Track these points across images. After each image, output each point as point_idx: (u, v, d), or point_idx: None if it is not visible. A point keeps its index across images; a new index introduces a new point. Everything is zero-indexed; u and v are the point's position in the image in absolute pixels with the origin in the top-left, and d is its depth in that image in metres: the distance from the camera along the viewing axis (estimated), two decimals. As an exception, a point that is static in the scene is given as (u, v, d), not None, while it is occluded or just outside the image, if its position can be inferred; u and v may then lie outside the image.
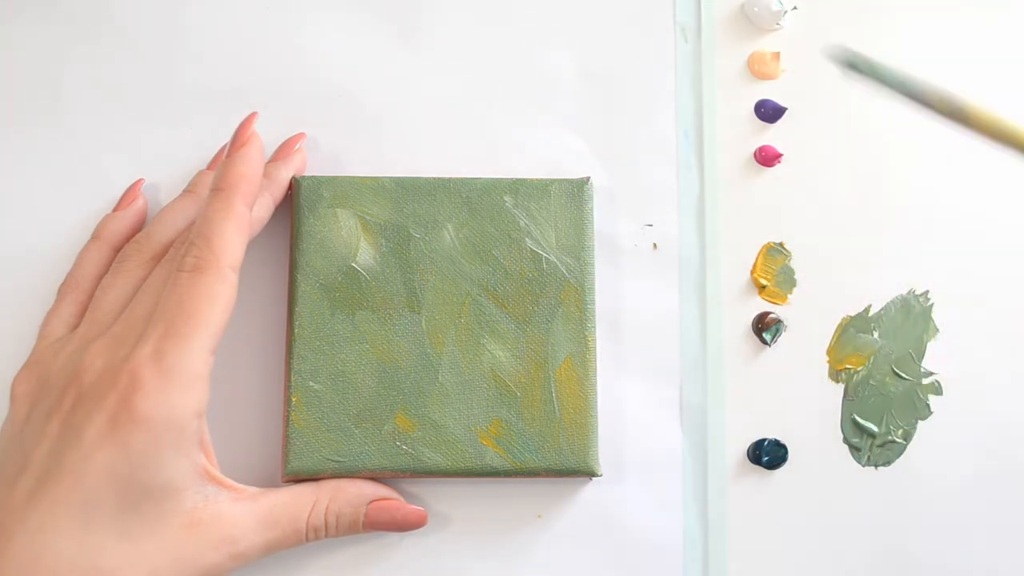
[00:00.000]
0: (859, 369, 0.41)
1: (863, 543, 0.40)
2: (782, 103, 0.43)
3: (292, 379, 0.38)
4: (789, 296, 0.42)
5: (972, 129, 0.29)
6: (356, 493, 0.37)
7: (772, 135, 0.43)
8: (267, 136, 0.39)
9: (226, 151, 0.37)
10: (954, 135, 0.44)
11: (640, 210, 0.42)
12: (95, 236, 0.39)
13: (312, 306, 0.38)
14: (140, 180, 0.41)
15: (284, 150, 0.41)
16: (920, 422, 0.41)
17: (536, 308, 0.39)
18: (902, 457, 0.40)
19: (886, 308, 0.42)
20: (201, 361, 0.33)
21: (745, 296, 0.42)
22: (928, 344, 0.42)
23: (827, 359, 0.41)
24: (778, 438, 0.40)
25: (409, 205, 0.39)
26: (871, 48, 0.44)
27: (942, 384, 0.41)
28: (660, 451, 0.40)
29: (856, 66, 0.30)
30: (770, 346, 0.41)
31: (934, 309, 0.42)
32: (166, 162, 0.41)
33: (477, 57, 0.43)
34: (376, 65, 0.43)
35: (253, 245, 0.39)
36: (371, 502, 0.37)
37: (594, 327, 0.39)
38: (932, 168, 0.43)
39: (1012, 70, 0.44)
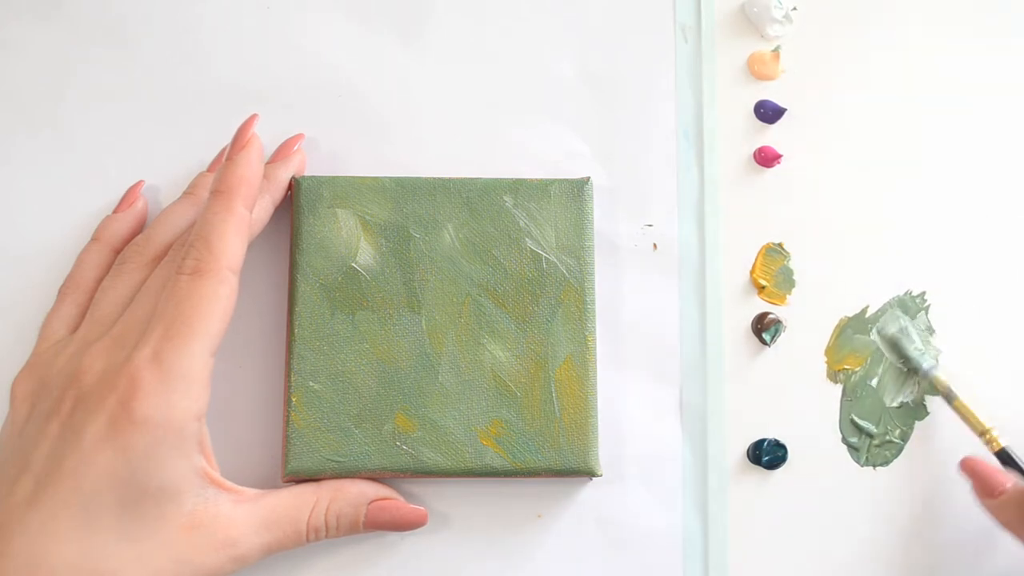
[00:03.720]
0: (857, 369, 0.41)
1: (862, 543, 0.40)
2: (782, 104, 0.43)
3: (292, 379, 0.38)
4: (788, 296, 0.42)
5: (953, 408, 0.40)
6: (356, 493, 0.37)
7: (772, 135, 0.43)
8: (267, 136, 0.39)
9: (226, 153, 0.37)
10: (952, 137, 0.44)
11: (640, 210, 0.42)
12: (95, 238, 0.39)
13: (312, 306, 0.38)
14: (140, 182, 0.41)
15: (283, 151, 0.41)
16: (917, 422, 0.41)
17: (536, 308, 0.39)
18: (900, 457, 0.41)
19: (883, 309, 0.42)
20: (200, 363, 0.33)
21: (745, 296, 0.42)
22: (926, 344, 0.42)
23: (825, 360, 0.41)
24: (778, 438, 0.40)
25: (409, 205, 0.39)
26: (869, 47, 0.44)
27: (940, 384, 0.41)
28: (660, 451, 0.40)
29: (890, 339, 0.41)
30: (769, 346, 0.41)
31: (931, 310, 0.42)
32: (166, 164, 0.41)
33: (477, 57, 0.43)
34: (376, 65, 0.43)
35: (253, 246, 0.39)
36: (371, 502, 0.37)
37: (594, 327, 0.39)
38: (930, 170, 0.43)
39: (1009, 65, 0.44)
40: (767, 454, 0.40)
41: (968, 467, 0.39)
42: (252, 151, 0.36)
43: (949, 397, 0.40)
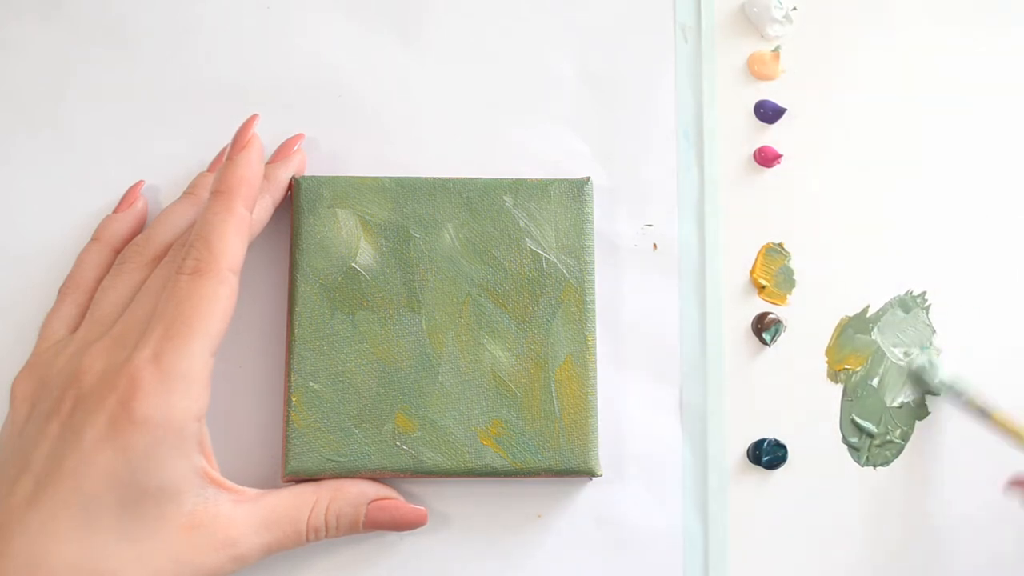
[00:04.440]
0: (857, 369, 0.41)
1: (862, 543, 0.40)
2: (782, 103, 0.43)
3: (292, 379, 0.38)
4: (788, 296, 0.42)
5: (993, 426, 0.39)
6: (356, 493, 0.37)
7: (772, 135, 0.43)
8: (267, 136, 0.39)
9: (226, 153, 0.37)
10: (952, 137, 0.44)
11: (640, 210, 0.42)
12: (95, 238, 0.39)
13: (312, 306, 0.38)
14: (140, 182, 0.41)
15: (283, 151, 0.41)
16: (918, 422, 0.41)
17: (536, 308, 0.39)
18: (900, 457, 0.41)
19: (884, 309, 0.42)
20: (200, 364, 0.33)
21: (745, 296, 0.42)
22: (927, 344, 0.42)
23: (826, 359, 0.41)
24: (778, 438, 0.40)
25: (409, 205, 0.39)
26: (869, 47, 0.44)
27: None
28: (660, 451, 0.40)
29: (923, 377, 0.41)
30: (770, 346, 0.41)
31: (931, 310, 0.42)
32: (166, 164, 0.41)
33: (477, 57, 0.43)
34: (376, 65, 0.43)
35: (253, 246, 0.39)
36: (371, 502, 0.37)
37: (594, 327, 0.39)
38: (931, 169, 0.43)
39: (1009, 65, 0.44)
40: (767, 454, 0.40)
41: (1020, 483, 0.39)
42: (252, 151, 0.36)
43: (985, 413, 0.39)
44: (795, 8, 0.44)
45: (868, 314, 0.42)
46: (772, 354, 0.41)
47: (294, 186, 0.40)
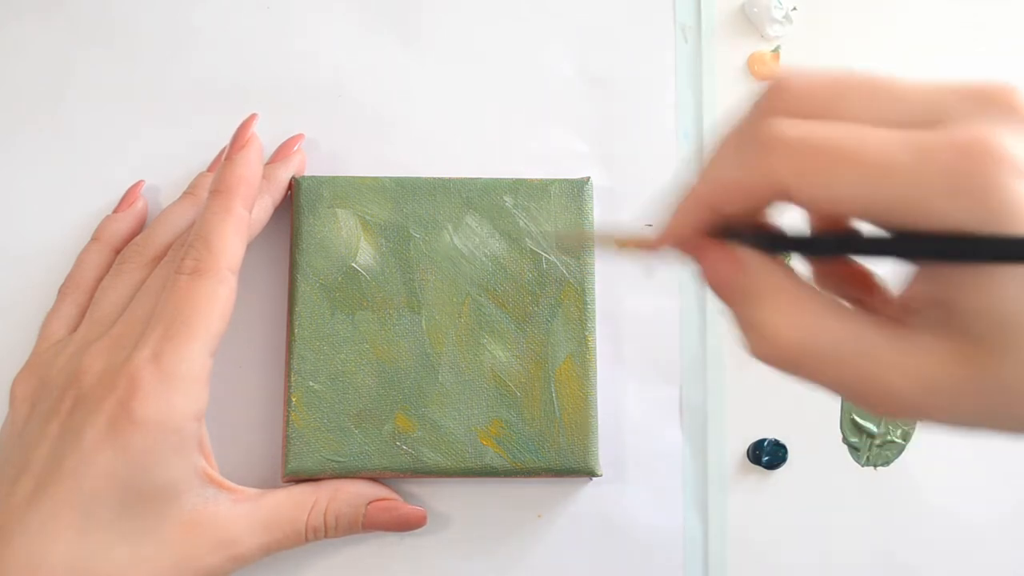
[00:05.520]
0: (858, 369, 0.41)
1: (862, 543, 0.40)
2: (782, 103, 0.43)
3: (292, 379, 0.38)
4: (788, 296, 0.42)
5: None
6: (356, 493, 0.37)
7: (772, 135, 0.43)
8: (267, 136, 0.39)
9: (225, 153, 0.37)
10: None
11: (640, 210, 0.42)
12: (95, 237, 0.39)
13: (312, 306, 0.38)
14: (140, 182, 0.41)
15: (283, 151, 0.41)
16: (919, 422, 0.41)
17: (536, 308, 0.39)
18: (901, 457, 0.41)
19: (885, 308, 0.42)
20: (200, 364, 0.33)
21: (745, 296, 0.42)
22: (927, 344, 0.42)
23: (826, 359, 0.41)
24: (778, 438, 0.40)
25: (409, 205, 0.39)
26: (869, 48, 0.44)
27: (940, 384, 0.41)
28: (660, 451, 0.40)
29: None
30: (770, 346, 0.41)
31: (933, 309, 0.42)
32: (166, 164, 0.41)
33: (477, 57, 0.43)
34: (376, 65, 0.43)
35: (253, 246, 0.39)
36: (371, 502, 0.37)
37: (594, 327, 0.39)
38: (931, 168, 0.43)
39: (1009, 65, 0.44)
40: (767, 454, 0.40)
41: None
42: (251, 151, 0.36)
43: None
44: (795, 8, 0.44)
45: (868, 314, 0.42)
46: (772, 354, 0.41)
47: (294, 186, 0.40)
